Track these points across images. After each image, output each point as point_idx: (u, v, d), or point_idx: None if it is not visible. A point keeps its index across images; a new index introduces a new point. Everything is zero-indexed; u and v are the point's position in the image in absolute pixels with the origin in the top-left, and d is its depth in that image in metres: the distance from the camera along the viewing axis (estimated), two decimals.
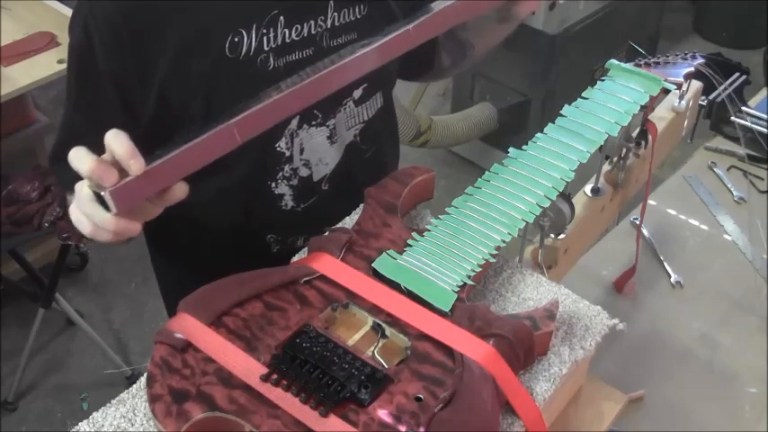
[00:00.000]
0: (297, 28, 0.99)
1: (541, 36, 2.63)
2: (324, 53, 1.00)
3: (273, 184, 1.08)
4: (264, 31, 0.97)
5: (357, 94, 1.08)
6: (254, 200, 1.09)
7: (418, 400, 0.70)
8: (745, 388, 1.19)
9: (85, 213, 0.72)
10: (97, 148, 0.96)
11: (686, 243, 1.43)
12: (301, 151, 1.06)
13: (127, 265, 2.62)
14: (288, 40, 0.99)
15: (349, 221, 0.94)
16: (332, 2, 1.01)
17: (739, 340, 1.26)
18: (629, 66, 1.04)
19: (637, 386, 1.16)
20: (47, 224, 2.18)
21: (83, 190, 0.72)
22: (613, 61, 1.04)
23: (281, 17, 0.98)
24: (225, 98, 0.96)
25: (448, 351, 0.74)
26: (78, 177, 0.73)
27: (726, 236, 1.43)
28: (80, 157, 0.70)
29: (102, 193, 0.68)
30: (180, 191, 0.74)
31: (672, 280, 1.35)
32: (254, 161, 1.04)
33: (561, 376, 0.79)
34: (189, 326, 0.74)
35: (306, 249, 0.88)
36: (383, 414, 0.68)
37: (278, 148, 1.05)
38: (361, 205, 0.93)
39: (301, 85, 0.76)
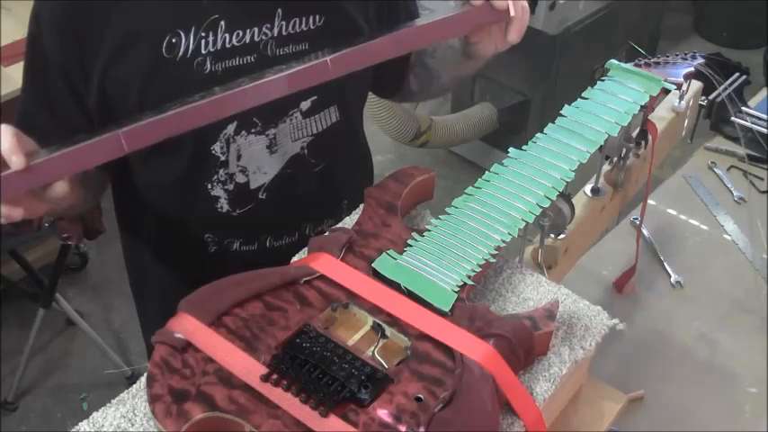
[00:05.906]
0: (238, 33, 0.99)
1: (541, 36, 2.63)
2: (268, 61, 1.00)
3: (209, 186, 1.08)
4: (203, 34, 0.97)
5: (305, 105, 1.06)
6: (191, 197, 1.09)
7: (418, 400, 0.70)
8: (745, 388, 1.19)
9: None
10: (49, 130, 1.00)
11: (686, 243, 1.43)
12: (238, 157, 1.06)
13: None
14: (228, 46, 0.99)
15: (349, 221, 0.94)
16: (280, 10, 1.00)
17: (739, 340, 1.25)
18: (629, 66, 1.04)
19: (637, 386, 1.16)
20: (47, 224, 2.18)
21: None
22: (613, 61, 1.04)
23: (222, 21, 0.97)
24: (158, 96, 0.96)
25: (448, 351, 0.74)
26: None
27: (726, 236, 1.43)
28: None
29: None
30: (59, 189, 0.79)
31: (672, 280, 1.35)
32: (188, 160, 1.05)
33: (561, 376, 0.79)
34: (189, 326, 0.74)
35: (305, 249, 0.88)
36: (383, 414, 0.68)
37: (213, 152, 1.04)
38: (361, 205, 0.93)
39: (204, 101, 0.78)
